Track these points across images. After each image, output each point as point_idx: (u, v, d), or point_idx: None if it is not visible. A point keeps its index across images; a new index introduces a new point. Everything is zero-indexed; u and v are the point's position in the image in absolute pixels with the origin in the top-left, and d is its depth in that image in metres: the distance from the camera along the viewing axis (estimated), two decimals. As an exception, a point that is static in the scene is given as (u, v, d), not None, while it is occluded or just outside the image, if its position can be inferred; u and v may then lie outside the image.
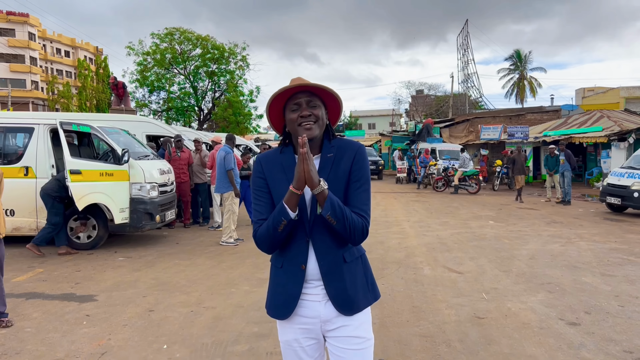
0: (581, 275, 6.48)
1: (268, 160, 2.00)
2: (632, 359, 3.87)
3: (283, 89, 1.85)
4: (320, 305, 1.91)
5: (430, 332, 4.40)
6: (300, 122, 1.86)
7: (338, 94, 1.92)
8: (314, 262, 1.89)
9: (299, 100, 1.87)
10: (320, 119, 1.89)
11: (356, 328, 1.92)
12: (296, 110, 1.88)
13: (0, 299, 4.52)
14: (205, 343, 4.11)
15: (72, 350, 3.95)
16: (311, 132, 1.85)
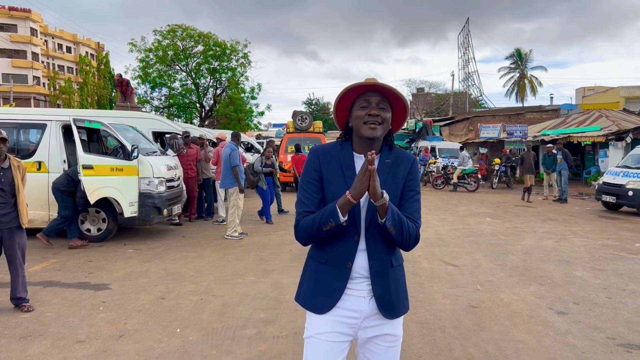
0: (572, 269, 6.76)
1: (325, 153, 2.00)
2: (614, 344, 4.15)
3: (358, 84, 1.88)
4: (365, 301, 1.93)
5: (426, 320, 4.68)
6: (367, 120, 1.88)
7: (407, 101, 1.95)
8: (364, 261, 1.92)
9: (370, 98, 1.89)
10: (385, 121, 1.91)
11: (393, 327, 1.98)
12: (365, 108, 1.89)
13: (22, 286, 4.81)
14: (215, 327, 4.39)
15: (92, 333, 4.24)
16: (374, 132, 1.88)
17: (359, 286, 1.93)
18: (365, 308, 1.93)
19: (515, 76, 56.90)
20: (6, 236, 4.74)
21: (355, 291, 1.93)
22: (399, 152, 2.02)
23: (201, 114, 37.85)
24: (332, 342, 1.92)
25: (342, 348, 1.95)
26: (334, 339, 1.93)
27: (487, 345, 4.11)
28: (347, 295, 1.92)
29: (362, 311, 1.93)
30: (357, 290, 1.93)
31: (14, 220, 4.78)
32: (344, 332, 1.94)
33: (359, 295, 1.93)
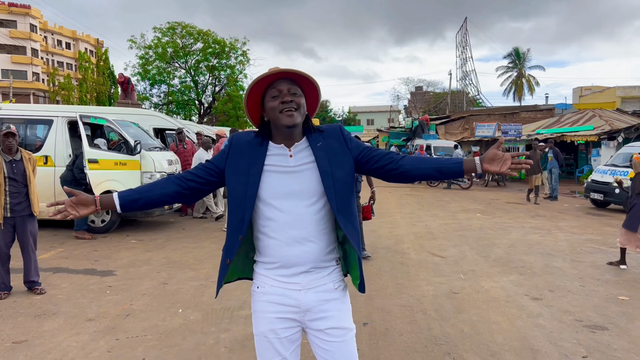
0: (553, 261, 7.14)
1: (240, 145, 1.94)
2: (580, 325, 4.53)
3: (263, 75, 1.83)
4: (300, 294, 1.89)
5: (409, 303, 5.05)
6: (282, 108, 1.83)
7: (317, 82, 1.90)
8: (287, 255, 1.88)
9: (279, 87, 1.84)
10: (301, 106, 1.87)
11: (339, 319, 1.91)
12: (277, 97, 1.84)
13: (34, 270, 5.18)
14: (214, 309, 4.76)
15: (101, 312, 4.60)
16: (293, 119, 1.83)
17: (293, 279, 1.88)
18: (302, 301, 1.89)
19: (513, 75, 57.33)
20: (19, 223, 5.07)
21: (290, 284, 1.89)
22: (325, 131, 1.96)
23: (200, 111, 38.19)
24: (277, 338, 1.90)
25: (289, 342, 1.92)
26: (279, 334, 1.90)
27: (463, 325, 4.48)
28: (281, 289, 1.89)
29: (300, 305, 1.89)
30: (292, 284, 1.88)
31: (27, 209, 5.09)
32: (288, 326, 1.91)
33: (294, 289, 1.88)
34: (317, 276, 1.90)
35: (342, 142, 1.94)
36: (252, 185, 1.84)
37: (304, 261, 1.87)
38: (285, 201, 1.84)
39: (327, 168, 1.85)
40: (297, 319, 1.91)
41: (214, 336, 4.10)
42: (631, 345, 4.09)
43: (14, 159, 5.07)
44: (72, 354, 3.70)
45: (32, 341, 3.94)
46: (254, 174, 1.85)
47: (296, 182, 1.85)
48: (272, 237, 1.86)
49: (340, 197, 1.86)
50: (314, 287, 1.90)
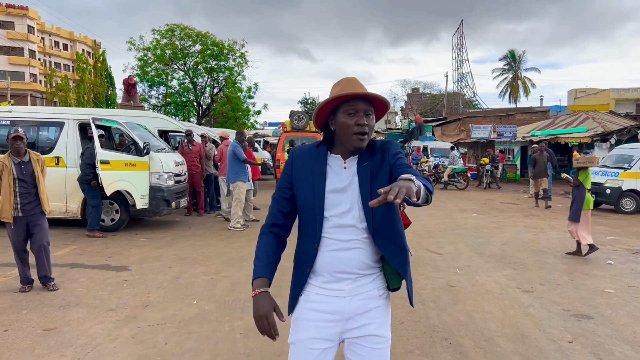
0: (544, 257, 7.49)
1: (300, 157, 1.99)
2: (568, 314, 4.88)
3: (349, 94, 1.84)
4: (345, 302, 1.88)
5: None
6: (356, 130, 1.85)
7: (389, 102, 1.94)
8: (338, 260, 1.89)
9: (358, 107, 1.85)
10: (372, 129, 1.91)
11: (378, 327, 1.90)
12: (352, 115, 1.85)
13: (47, 265, 5.37)
14: (227, 300, 5.08)
15: (121, 303, 4.92)
16: (363, 144, 1.87)
17: (337, 286, 1.89)
18: (346, 308, 1.89)
19: (509, 77, 57.81)
20: (31, 222, 5.28)
21: (334, 291, 1.89)
22: (375, 146, 1.98)
23: (198, 112, 38.42)
24: (313, 349, 1.88)
25: (326, 353, 1.90)
26: (317, 345, 1.88)
27: (459, 314, 4.82)
28: (324, 296, 1.89)
29: (343, 312, 1.89)
30: (335, 291, 1.89)
31: (37, 208, 5.30)
32: (325, 338, 1.90)
33: (339, 296, 1.88)
34: (362, 282, 1.91)
35: (386, 158, 1.94)
36: (318, 196, 1.89)
37: (350, 268, 1.88)
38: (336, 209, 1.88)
39: (367, 189, 1.88)
40: (338, 328, 1.90)
41: (229, 324, 4.42)
42: (614, 332, 4.44)
43: (23, 160, 5.26)
44: (99, 340, 4.02)
45: (60, 329, 4.26)
46: (318, 183, 1.90)
47: (347, 196, 1.89)
48: (324, 242, 1.89)
49: (378, 218, 1.88)
50: (358, 293, 1.90)
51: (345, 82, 1.92)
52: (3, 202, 5.17)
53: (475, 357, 3.84)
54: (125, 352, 3.80)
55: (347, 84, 1.89)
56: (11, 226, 5.24)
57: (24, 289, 5.30)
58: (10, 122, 8.68)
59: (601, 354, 3.95)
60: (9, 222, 5.21)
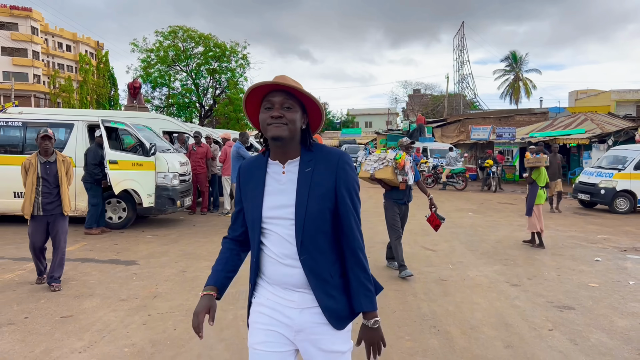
0: (535, 254, 7.80)
1: (247, 170, 1.94)
2: (551, 306, 5.19)
3: (255, 85, 1.77)
4: (295, 312, 1.83)
5: (402, 288, 5.71)
6: (270, 122, 1.76)
7: (316, 98, 1.80)
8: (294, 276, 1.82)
9: (272, 99, 1.77)
10: (292, 122, 1.76)
11: (335, 341, 1.84)
12: (269, 109, 1.77)
13: (58, 266, 5.46)
14: (230, 292, 5.40)
15: (131, 294, 5.25)
16: (278, 131, 1.75)
17: (287, 295, 1.83)
18: (295, 320, 1.83)
19: (510, 78, 58.10)
20: (51, 221, 5.42)
21: (285, 300, 1.84)
22: (321, 154, 1.84)
23: (201, 113, 38.79)
24: (269, 352, 1.84)
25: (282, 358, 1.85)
26: (269, 348, 1.84)
27: (448, 305, 5.14)
28: (277, 303, 1.85)
29: (292, 321, 1.83)
30: (287, 300, 1.83)
31: (57, 208, 5.42)
32: (278, 341, 1.85)
33: (290, 306, 1.83)
34: (312, 296, 1.82)
35: (333, 174, 1.81)
36: (256, 209, 1.84)
37: (294, 281, 1.82)
38: (277, 219, 1.81)
39: (304, 198, 1.78)
40: (289, 337, 1.85)
41: (232, 312, 4.75)
42: (592, 321, 4.75)
43: (49, 160, 5.43)
44: (113, 326, 4.35)
45: (76, 316, 4.59)
46: (257, 196, 1.85)
47: (285, 200, 1.81)
48: (267, 254, 1.85)
49: (308, 231, 1.78)
50: (309, 307, 1.82)
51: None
52: (25, 199, 5.34)
53: (460, 343, 4.15)
54: (138, 336, 4.13)
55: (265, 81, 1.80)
56: (35, 223, 5.36)
57: (40, 281, 5.56)
58: (22, 123, 9.03)
59: (578, 340, 4.26)
60: (29, 219, 5.39)
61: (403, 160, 6.20)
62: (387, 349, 3.96)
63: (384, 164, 6.30)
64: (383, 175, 6.25)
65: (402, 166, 6.21)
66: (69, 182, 5.63)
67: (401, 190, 6.35)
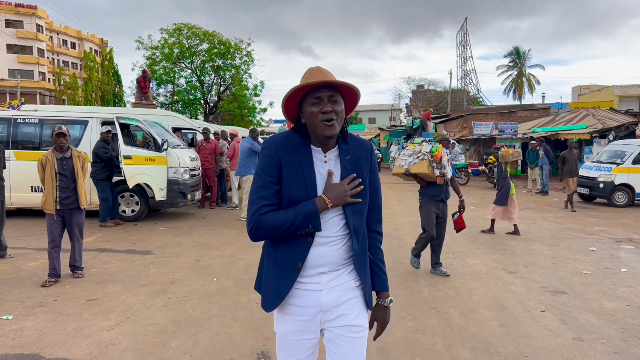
0: (532, 244, 8.11)
1: (285, 149, 1.91)
2: (545, 291, 5.51)
3: (307, 84, 1.81)
4: (321, 295, 1.90)
5: (405, 275, 6.04)
6: (322, 118, 1.82)
7: (358, 89, 1.89)
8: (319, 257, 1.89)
9: (321, 94, 1.83)
10: (340, 115, 1.86)
11: (355, 317, 1.94)
12: (317, 104, 1.83)
13: (78, 256, 5.79)
14: (243, 278, 5.75)
15: (150, 281, 5.60)
16: (332, 130, 1.83)
17: (315, 279, 1.90)
18: (322, 301, 1.91)
19: (514, 74, 58.21)
20: (67, 215, 5.60)
21: (310, 285, 1.90)
22: (356, 142, 2.00)
23: (205, 110, 39.13)
24: (298, 340, 1.94)
25: (310, 343, 1.96)
26: (300, 337, 1.93)
27: (448, 290, 5.47)
28: (302, 290, 1.90)
29: (319, 305, 1.91)
30: (313, 284, 1.90)
31: (74, 202, 5.60)
32: (308, 330, 1.93)
33: (315, 289, 1.90)
34: (338, 275, 1.94)
35: (368, 162, 2.00)
36: (311, 189, 1.88)
37: (327, 262, 1.90)
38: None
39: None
40: (317, 321, 1.94)
41: (246, 297, 5.09)
42: (583, 304, 5.07)
43: (64, 156, 5.60)
44: (136, 308, 4.70)
45: (101, 299, 4.94)
46: (309, 176, 1.89)
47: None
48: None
49: (356, 216, 1.93)
50: (334, 286, 1.92)
51: (308, 72, 1.90)
52: (46, 195, 5.51)
53: (458, 322, 4.48)
54: (160, 317, 4.47)
55: (310, 74, 1.87)
56: (53, 217, 5.53)
57: (49, 283, 5.40)
58: (38, 120, 9.39)
59: (567, 320, 4.59)
60: (51, 214, 5.56)
61: (439, 152, 5.85)
62: (390, 327, 4.30)
63: (419, 157, 5.95)
64: (419, 169, 5.89)
65: (439, 159, 5.85)
66: (84, 177, 5.79)
67: (438, 185, 5.98)
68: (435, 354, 3.81)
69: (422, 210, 6.10)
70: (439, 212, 6.06)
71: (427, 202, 6.03)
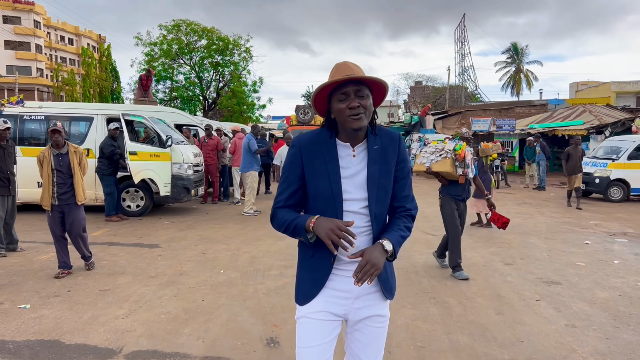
0: (529, 238, 8.32)
1: (309, 146, 1.98)
2: (540, 281, 5.72)
3: (333, 82, 1.85)
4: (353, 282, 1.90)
5: (405, 267, 6.24)
6: (349, 113, 1.85)
7: (385, 82, 1.90)
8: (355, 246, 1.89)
9: (347, 89, 1.85)
10: (368, 109, 1.88)
11: (382, 308, 2.02)
12: (344, 100, 1.86)
13: (85, 248, 5.86)
14: (248, 270, 5.95)
15: (159, 272, 5.79)
16: (360, 123, 1.86)
17: (348, 267, 1.95)
18: (355, 288, 1.95)
19: (512, 70, 58.37)
20: (66, 211, 5.61)
21: (344, 271, 1.96)
22: (383, 133, 2.02)
23: (204, 106, 39.24)
24: (323, 321, 1.96)
25: (332, 327, 1.99)
26: (325, 317, 1.96)
27: (447, 281, 5.68)
28: (336, 275, 1.96)
29: (352, 291, 1.97)
30: (346, 271, 1.95)
31: (72, 198, 5.61)
32: (334, 312, 1.98)
33: (348, 276, 1.94)
34: None
35: (396, 151, 2.01)
36: (335, 184, 1.92)
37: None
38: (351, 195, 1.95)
39: (375, 175, 1.95)
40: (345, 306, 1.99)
41: (253, 287, 5.28)
42: (576, 294, 5.28)
43: (61, 152, 5.59)
44: (147, 297, 4.89)
45: (113, 290, 5.13)
46: (333, 172, 1.93)
47: (358, 184, 1.95)
48: None
49: (379, 205, 1.96)
50: None
51: (335, 68, 1.93)
52: (43, 191, 5.54)
53: (457, 310, 4.68)
54: (171, 305, 4.67)
55: (337, 70, 1.91)
56: (49, 213, 5.58)
57: (62, 274, 5.56)
58: (44, 117, 9.55)
59: (561, 308, 4.80)
60: (48, 210, 5.61)
61: (463, 151, 5.71)
62: (392, 315, 4.50)
63: (442, 155, 5.82)
64: (441, 168, 5.77)
65: (463, 157, 5.73)
66: (83, 172, 5.81)
67: (460, 184, 5.86)
68: (435, 339, 4.01)
69: (443, 210, 5.99)
70: (460, 210, 5.97)
71: (448, 201, 5.92)
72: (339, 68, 1.91)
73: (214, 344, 3.83)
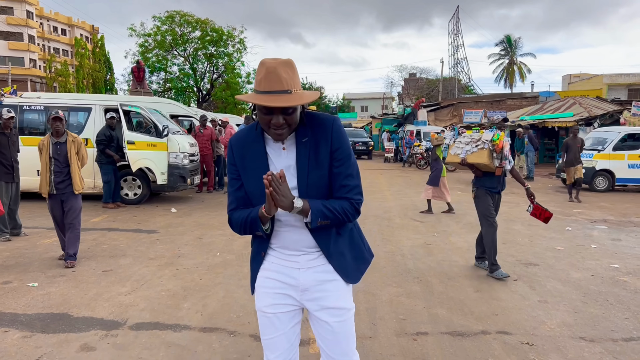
0: (512, 225, 8.67)
1: (239, 145, 1.95)
2: (519, 263, 6.06)
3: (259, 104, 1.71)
4: (299, 273, 1.95)
5: (392, 250, 6.57)
6: (273, 127, 1.78)
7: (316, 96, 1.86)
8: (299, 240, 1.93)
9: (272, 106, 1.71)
10: (294, 123, 1.81)
11: (336, 299, 1.96)
12: (268, 114, 1.75)
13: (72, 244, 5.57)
14: (244, 253, 6.25)
15: (158, 255, 6.09)
16: (283, 137, 1.81)
17: (292, 258, 1.96)
18: (300, 279, 1.95)
19: (505, 62, 58.71)
20: (64, 200, 5.62)
21: (290, 263, 1.96)
22: (315, 122, 1.90)
23: (198, 97, 39.34)
24: (277, 314, 1.97)
25: (289, 317, 2.00)
26: (278, 310, 1.97)
27: (431, 263, 6.01)
28: (281, 267, 1.97)
29: (297, 281, 1.96)
30: (291, 262, 1.96)
31: (69, 187, 5.59)
32: (285, 303, 1.98)
33: (294, 267, 1.95)
34: (315, 257, 1.97)
35: (328, 140, 1.89)
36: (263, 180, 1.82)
37: (301, 245, 1.95)
38: None
39: (305, 168, 1.88)
40: (295, 297, 1.98)
41: (247, 268, 5.54)
42: (552, 274, 5.63)
43: (59, 141, 5.60)
44: (148, 277, 5.20)
45: (115, 270, 5.43)
46: (262, 167, 1.90)
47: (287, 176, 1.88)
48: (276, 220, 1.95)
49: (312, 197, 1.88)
50: (312, 267, 1.96)
51: (264, 72, 1.73)
52: (41, 179, 5.59)
53: (438, 288, 5.02)
54: (171, 284, 4.97)
55: (265, 78, 1.72)
56: (51, 200, 5.62)
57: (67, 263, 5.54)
58: (43, 107, 9.77)
59: (536, 287, 5.14)
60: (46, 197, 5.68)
61: (502, 141, 5.41)
62: (377, 292, 4.84)
63: (478, 146, 5.53)
64: (478, 159, 5.47)
65: (501, 149, 5.42)
66: (82, 162, 5.81)
67: (496, 177, 5.54)
68: (416, 313, 4.34)
69: (478, 202, 5.64)
70: (495, 204, 5.69)
71: (483, 193, 5.58)
72: (267, 77, 1.72)
73: (212, 317, 4.14)
